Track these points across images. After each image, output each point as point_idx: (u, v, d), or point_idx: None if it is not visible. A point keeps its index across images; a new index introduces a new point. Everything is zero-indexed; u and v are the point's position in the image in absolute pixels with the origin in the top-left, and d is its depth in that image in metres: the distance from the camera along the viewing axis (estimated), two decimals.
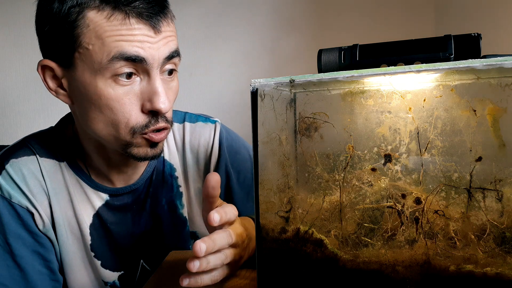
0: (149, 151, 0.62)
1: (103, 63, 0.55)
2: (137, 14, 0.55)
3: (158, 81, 0.58)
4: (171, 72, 0.61)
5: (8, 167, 0.66)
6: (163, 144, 0.64)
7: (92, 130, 0.61)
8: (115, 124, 0.58)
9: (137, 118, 0.58)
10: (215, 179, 0.52)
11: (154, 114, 0.59)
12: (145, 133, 0.59)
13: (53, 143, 0.70)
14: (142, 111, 0.58)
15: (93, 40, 0.55)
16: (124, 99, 0.57)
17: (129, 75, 0.56)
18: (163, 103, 0.57)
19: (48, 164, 0.68)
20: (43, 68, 0.60)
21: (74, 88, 0.59)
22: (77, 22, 0.55)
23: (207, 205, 0.54)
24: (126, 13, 0.55)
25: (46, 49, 0.60)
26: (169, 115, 0.61)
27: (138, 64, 0.56)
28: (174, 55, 0.60)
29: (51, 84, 0.61)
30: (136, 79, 0.57)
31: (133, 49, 0.55)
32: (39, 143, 0.69)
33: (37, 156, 0.67)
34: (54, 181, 0.68)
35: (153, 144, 0.61)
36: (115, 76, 0.56)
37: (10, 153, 0.67)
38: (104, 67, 0.55)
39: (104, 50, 0.54)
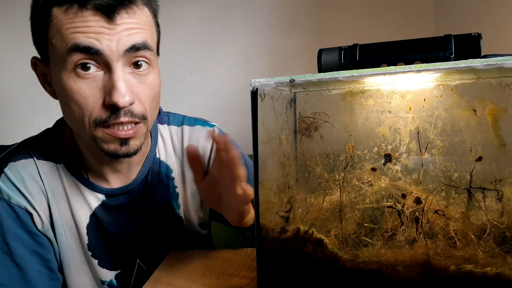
0: (119, 148, 0.60)
1: (63, 56, 0.56)
2: (93, 6, 0.55)
3: (118, 74, 0.57)
4: (140, 65, 0.60)
5: (6, 170, 0.66)
6: (139, 143, 0.62)
7: (69, 123, 0.63)
8: (81, 117, 0.58)
9: (99, 111, 0.58)
10: (193, 148, 0.56)
11: (115, 108, 0.57)
12: (107, 127, 0.59)
13: (50, 145, 0.70)
14: (104, 105, 0.58)
15: (55, 34, 0.56)
16: (86, 93, 0.57)
17: (85, 66, 0.56)
18: (121, 97, 0.56)
19: (46, 166, 0.68)
20: (33, 65, 0.64)
21: (53, 82, 0.62)
22: (46, 18, 0.57)
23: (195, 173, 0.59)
24: (82, 5, 0.55)
25: (36, 47, 0.63)
26: (137, 109, 0.59)
27: (95, 55, 0.56)
28: (139, 47, 0.58)
29: (41, 79, 0.64)
30: (98, 73, 0.57)
31: (87, 40, 0.55)
32: (36, 146, 0.70)
33: (35, 158, 0.68)
34: (52, 182, 0.68)
35: (122, 141, 0.60)
36: (75, 69, 0.56)
37: (8, 157, 0.68)
38: (64, 59, 0.56)
39: (62, 43, 0.56)
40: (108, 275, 0.73)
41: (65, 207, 0.69)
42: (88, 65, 0.56)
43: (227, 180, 0.54)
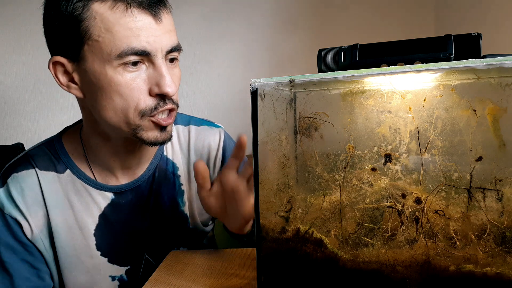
0: (159, 135, 0.65)
1: (112, 55, 0.58)
2: (138, 3, 0.58)
3: (164, 67, 0.61)
4: (172, 60, 0.65)
5: (9, 181, 0.70)
6: (172, 128, 0.67)
7: (104, 118, 0.63)
8: (125, 108, 0.61)
9: (146, 101, 0.61)
10: (202, 164, 0.63)
11: (162, 97, 0.62)
12: (153, 116, 0.62)
13: (53, 155, 0.72)
14: (150, 94, 0.62)
15: (102, 32, 0.58)
16: (132, 84, 0.60)
17: (135, 63, 0.60)
18: (169, 87, 0.61)
19: (47, 177, 0.71)
20: (54, 65, 0.63)
21: (85, 79, 0.62)
22: (83, 15, 0.58)
23: (202, 190, 0.65)
24: (128, 3, 0.58)
25: (56, 47, 0.63)
26: (175, 97, 0.65)
27: (144, 56, 0.60)
28: (176, 48, 0.64)
29: (63, 79, 0.64)
30: (142, 66, 0.61)
31: (140, 44, 0.58)
32: (40, 157, 0.72)
33: (37, 169, 0.71)
34: (53, 192, 0.70)
35: (162, 128, 0.64)
36: (123, 64, 0.59)
37: (13, 168, 0.71)
38: (112, 57, 0.58)
39: (114, 44, 0.58)
40: (119, 271, 0.75)
41: (68, 214, 0.71)
42: (136, 61, 0.60)
43: (242, 193, 0.60)
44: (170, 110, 0.64)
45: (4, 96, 1.67)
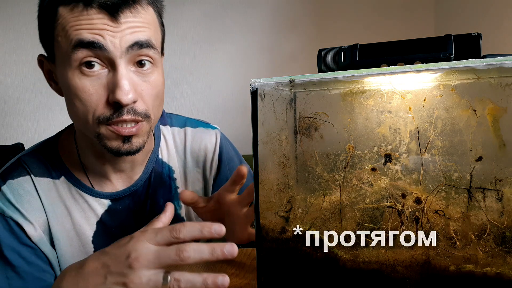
0: (122, 146, 0.61)
1: (68, 53, 0.57)
2: (98, 4, 0.56)
3: (122, 71, 0.57)
4: (144, 64, 0.60)
5: (4, 187, 0.67)
6: (141, 141, 0.63)
7: (73, 121, 0.64)
8: (85, 114, 0.59)
9: (102, 109, 0.58)
10: (187, 194, 0.63)
11: (118, 106, 0.58)
12: (110, 125, 0.59)
13: (48, 160, 0.70)
14: (108, 102, 0.58)
15: (60, 32, 0.57)
16: (90, 90, 0.57)
17: (89, 64, 0.57)
18: (124, 94, 0.56)
19: (43, 183, 0.69)
20: (40, 63, 0.65)
21: (58, 80, 0.63)
22: (52, 17, 0.58)
23: (197, 209, 0.66)
24: (87, 4, 0.56)
25: (42, 45, 0.64)
26: (139, 108, 0.59)
27: (99, 52, 0.56)
28: (142, 44, 0.58)
29: (47, 76, 0.66)
30: (103, 71, 0.58)
31: (91, 36, 0.55)
32: (34, 162, 0.70)
33: (32, 175, 0.68)
34: (50, 198, 0.68)
35: (125, 139, 0.60)
36: (80, 66, 0.57)
37: (7, 174, 0.68)
38: (69, 56, 0.57)
39: (67, 40, 0.57)
40: None
41: (65, 221, 0.69)
42: (92, 63, 0.57)
43: (241, 218, 0.62)
44: (138, 121, 0.60)
45: (4, 96, 1.67)
